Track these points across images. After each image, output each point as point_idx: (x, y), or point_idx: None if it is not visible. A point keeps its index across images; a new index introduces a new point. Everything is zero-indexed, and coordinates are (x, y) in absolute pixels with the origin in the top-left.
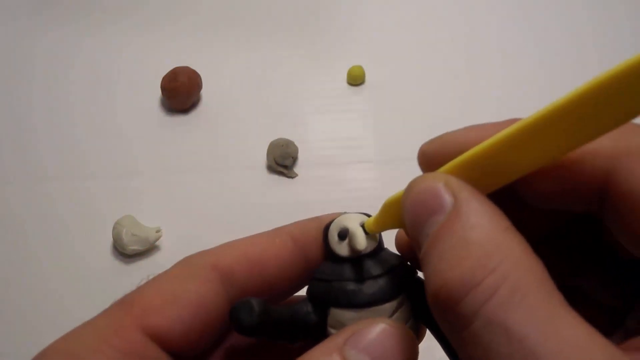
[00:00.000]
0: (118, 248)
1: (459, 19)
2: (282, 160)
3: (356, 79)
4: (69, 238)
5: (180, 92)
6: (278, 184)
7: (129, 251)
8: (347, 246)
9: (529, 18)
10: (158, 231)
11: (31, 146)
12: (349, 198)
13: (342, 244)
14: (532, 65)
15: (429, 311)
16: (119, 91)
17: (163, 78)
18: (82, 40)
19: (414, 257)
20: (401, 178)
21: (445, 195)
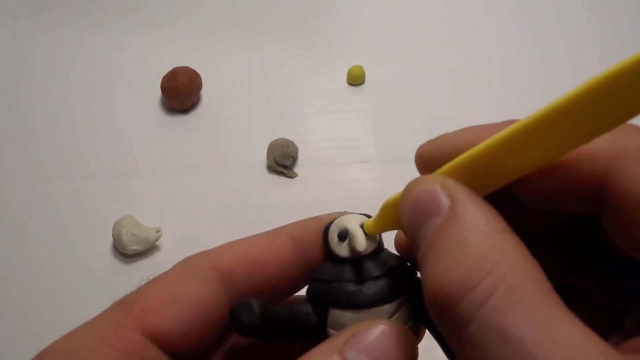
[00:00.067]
0: (118, 248)
1: (459, 19)
2: (282, 160)
3: (356, 79)
4: (69, 238)
5: (180, 92)
6: (278, 184)
7: (129, 251)
8: (347, 247)
9: (529, 18)
10: (158, 231)
11: (31, 146)
12: (349, 198)
13: (342, 245)
14: (532, 65)
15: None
16: (119, 91)
17: (163, 78)
18: (82, 40)
19: (414, 258)
20: (401, 178)
21: (442, 197)
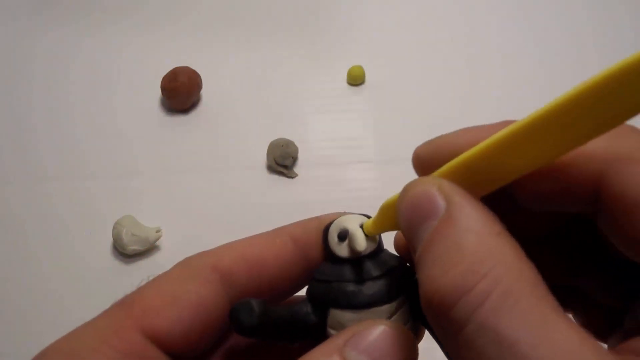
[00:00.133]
0: (118, 248)
1: (459, 19)
2: (282, 160)
3: (356, 79)
4: (69, 238)
5: (180, 92)
6: (278, 184)
7: (129, 251)
8: (347, 247)
9: (529, 18)
10: (158, 231)
11: (31, 146)
12: (349, 198)
13: (342, 245)
14: (532, 65)
15: None
16: (119, 91)
17: (163, 78)
18: (82, 40)
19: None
20: (401, 178)
21: (438, 199)
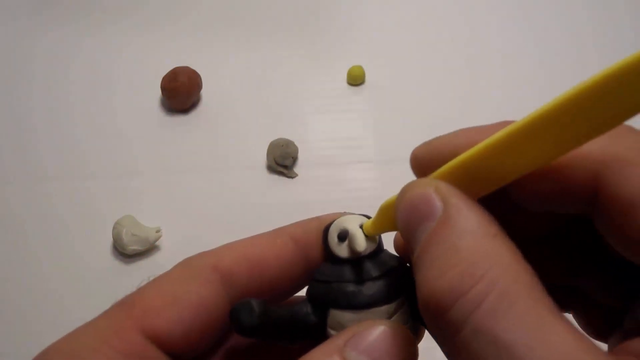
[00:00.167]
0: (118, 248)
1: (459, 19)
2: (282, 160)
3: (356, 79)
4: (69, 238)
5: (180, 92)
6: (278, 184)
7: (129, 251)
8: (347, 248)
9: (529, 18)
10: (158, 231)
11: (31, 146)
12: (349, 198)
13: (342, 246)
14: (532, 65)
15: None
16: (119, 91)
17: (163, 78)
18: (82, 40)
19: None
20: (401, 178)
21: (435, 201)
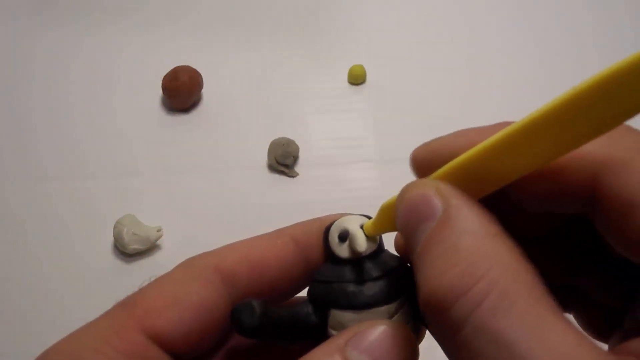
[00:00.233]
0: (119, 247)
1: (459, 19)
2: (283, 159)
3: (357, 78)
4: (70, 238)
5: (181, 92)
6: (278, 184)
7: (130, 250)
8: (348, 248)
9: (529, 18)
10: (159, 230)
11: (31, 146)
12: (349, 198)
13: (343, 246)
14: (532, 65)
15: None
16: (119, 91)
17: (164, 77)
18: (82, 40)
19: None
20: (401, 178)
21: (435, 201)
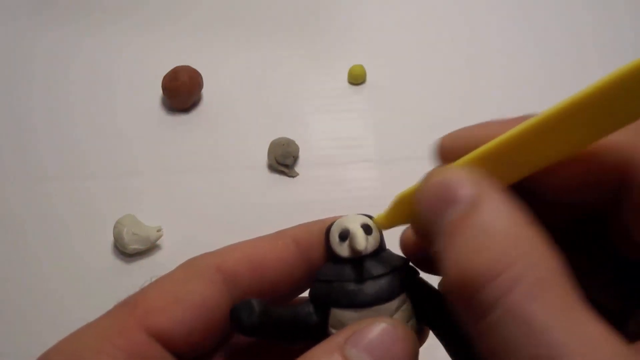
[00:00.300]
0: (119, 247)
1: (459, 19)
2: (283, 159)
3: (357, 78)
4: (69, 238)
5: (181, 92)
6: (279, 184)
7: (130, 250)
8: (348, 247)
9: (529, 18)
10: (159, 230)
11: (31, 146)
12: (349, 198)
13: (343, 245)
14: (532, 65)
15: (431, 311)
16: (119, 91)
17: (164, 77)
18: (82, 40)
19: (419, 258)
20: (401, 178)
21: (467, 185)
